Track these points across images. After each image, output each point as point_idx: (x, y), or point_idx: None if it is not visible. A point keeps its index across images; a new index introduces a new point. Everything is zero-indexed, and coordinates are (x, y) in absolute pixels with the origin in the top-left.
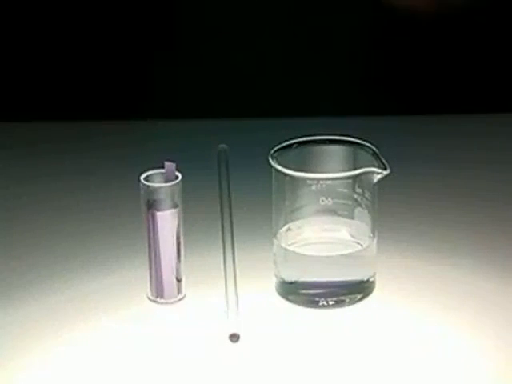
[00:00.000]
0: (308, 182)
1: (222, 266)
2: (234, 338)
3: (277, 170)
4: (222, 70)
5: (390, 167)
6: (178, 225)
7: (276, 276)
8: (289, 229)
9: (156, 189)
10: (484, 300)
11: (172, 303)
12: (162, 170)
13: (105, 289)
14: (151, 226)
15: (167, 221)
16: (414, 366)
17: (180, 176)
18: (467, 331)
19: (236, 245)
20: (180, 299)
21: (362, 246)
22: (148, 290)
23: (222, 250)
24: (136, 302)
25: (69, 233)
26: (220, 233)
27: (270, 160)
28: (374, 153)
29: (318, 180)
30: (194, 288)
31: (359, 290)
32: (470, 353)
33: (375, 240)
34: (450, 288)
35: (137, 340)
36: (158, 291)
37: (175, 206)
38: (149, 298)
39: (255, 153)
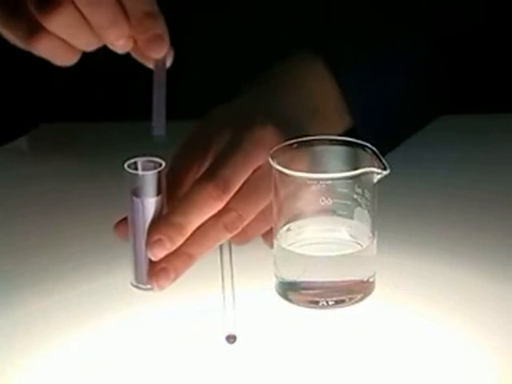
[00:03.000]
0: (308, 182)
1: (219, 266)
2: (231, 339)
3: (277, 170)
4: (223, 69)
5: (391, 167)
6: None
7: (276, 276)
8: (289, 229)
9: (144, 176)
10: (485, 300)
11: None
12: (145, 158)
13: (103, 289)
14: (140, 214)
15: (157, 207)
16: (414, 365)
17: (164, 163)
18: (468, 331)
19: (235, 245)
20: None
21: (361, 246)
22: (135, 278)
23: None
24: (134, 302)
25: (67, 232)
26: None
27: (270, 160)
28: (374, 153)
29: (318, 180)
30: (194, 287)
31: (359, 289)
32: (471, 353)
33: (375, 240)
34: (451, 288)
35: (133, 340)
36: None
37: (160, 192)
38: (140, 288)
39: None
